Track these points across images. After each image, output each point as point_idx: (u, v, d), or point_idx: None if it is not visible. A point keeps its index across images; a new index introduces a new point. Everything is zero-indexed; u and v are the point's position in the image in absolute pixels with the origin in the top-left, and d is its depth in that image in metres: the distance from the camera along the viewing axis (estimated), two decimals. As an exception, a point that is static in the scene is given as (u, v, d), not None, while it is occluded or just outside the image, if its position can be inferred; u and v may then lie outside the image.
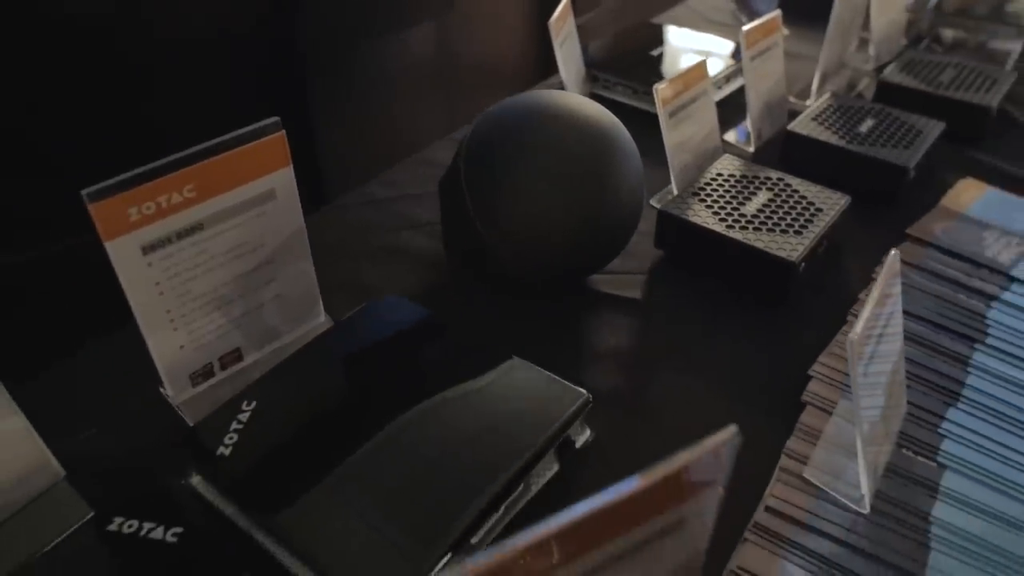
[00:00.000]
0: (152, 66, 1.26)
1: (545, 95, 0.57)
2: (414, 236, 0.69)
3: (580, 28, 2.05)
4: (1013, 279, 0.62)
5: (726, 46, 0.98)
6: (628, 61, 0.93)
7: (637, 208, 0.58)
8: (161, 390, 0.52)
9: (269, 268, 0.52)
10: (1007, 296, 0.61)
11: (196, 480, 0.44)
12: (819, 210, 0.63)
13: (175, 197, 0.45)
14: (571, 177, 0.54)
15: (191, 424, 0.50)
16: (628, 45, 0.99)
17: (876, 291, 0.41)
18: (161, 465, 0.47)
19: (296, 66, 1.47)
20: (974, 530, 0.43)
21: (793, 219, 0.62)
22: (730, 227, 0.61)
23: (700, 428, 0.26)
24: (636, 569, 0.28)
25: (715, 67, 0.91)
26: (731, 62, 0.94)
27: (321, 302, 0.57)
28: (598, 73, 0.89)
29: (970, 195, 0.73)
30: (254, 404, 0.46)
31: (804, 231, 0.61)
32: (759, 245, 0.59)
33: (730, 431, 0.26)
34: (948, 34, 0.97)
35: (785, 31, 1.07)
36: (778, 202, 0.64)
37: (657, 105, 0.64)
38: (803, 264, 0.59)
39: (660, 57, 0.96)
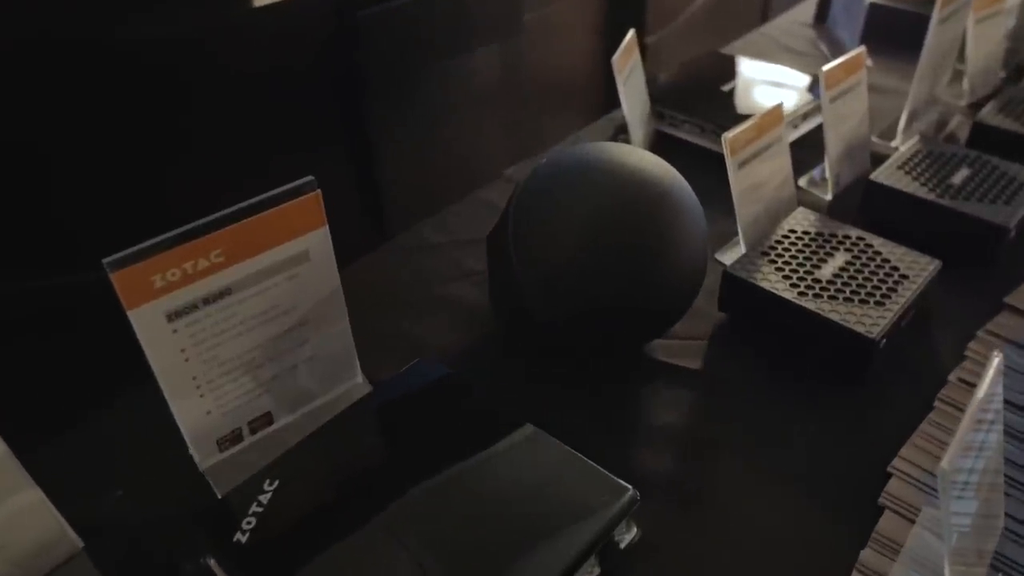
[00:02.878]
0: (217, 99, 1.28)
1: (599, 149, 0.53)
2: (463, 287, 0.66)
3: (649, 49, 1.98)
4: None
5: (803, 79, 0.92)
6: (696, 96, 0.88)
7: (699, 271, 0.54)
8: (190, 451, 0.50)
9: (302, 330, 0.50)
10: (1126, 384, 0.53)
11: (212, 564, 0.41)
12: (904, 276, 0.57)
13: (201, 263, 0.43)
14: (623, 240, 0.49)
15: (216, 492, 0.47)
16: (697, 78, 0.93)
17: (975, 402, 0.36)
18: (181, 539, 0.45)
19: (357, 95, 1.47)
20: None
21: (875, 287, 0.56)
22: (802, 294, 0.56)
23: (762, 529, 0.21)
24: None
25: (790, 102, 0.85)
26: (808, 98, 0.87)
27: (358, 362, 0.54)
28: (664, 110, 0.85)
29: (1080, 258, 0.65)
30: (276, 484, 0.43)
31: (887, 302, 0.55)
32: (834, 317, 0.54)
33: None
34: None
35: (869, 62, 0.99)
36: (857, 266, 0.58)
37: (726, 154, 0.59)
38: (884, 340, 0.53)
39: (731, 92, 0.90)
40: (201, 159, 1.29)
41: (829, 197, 0.74)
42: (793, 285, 0.57)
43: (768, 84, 0.92)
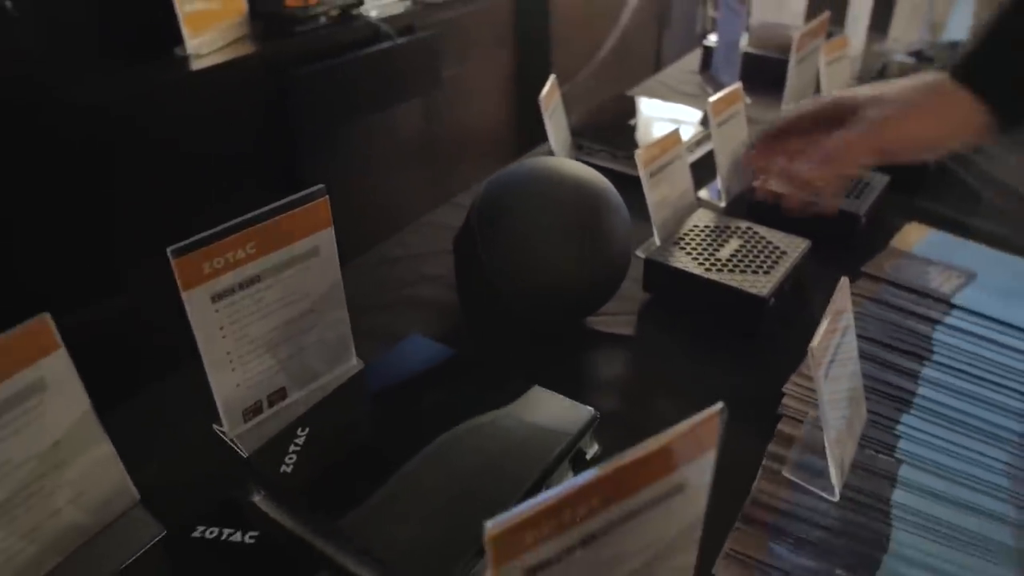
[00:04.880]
0: (157, 157, 1.36)
1: (545, 162, 0.67)
2: (428, 288, 0.77)
3: (563, 99, 2.19)
4: (954, 306, 0.72)
5: (695, 114, 1.10)
6: (608, 130, 1.04)
7: (627, 257, 0.67)
8: (215, 427, 0.59)
9: (311, 316, 0.60)
10: (950, 320, 0.70)
11: (261, 497, 0.50)
12: (784, 253, 0.73)
13: (240, 253, 0.53)
14: (572, 231, 0.63)
15: (245, 455, 0.56)
16: (607, 116, 1.10)
17: (830, 309, 0.50)
18: (225, 487, 0.54)
19: (290, 149, 1.58)
20: (929, 511, 0.51)
21: (762, 261, 0.72)
22: (708, 270, 0.70)
23: None
24: (646, 530, 0.35)
25: (687, 133, 1.03)
26: (700, 128, 1.05)
27: (353, 346, 0.65)
28: (582, 141, 1.00)
29: (915, 236, 0.84)
30: (308, 430, 0.53)
31: (772, 271, 0.70)
32: (733, 284, 0.68)
33: (718, 406, 0.34)
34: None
35: (747, 100, 1.19)
36: (748, 247, 0.74)
37: (639, 167, 0.74)
38: (772, 299, 0.68)
39: (635, 126, 1.07)
40: (143, 213, 1.36)
41: (723, 205, 0.90)
42: (700, 264, 0.71)
43: (665, 119, 1.10)
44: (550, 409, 0.55)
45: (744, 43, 1.24)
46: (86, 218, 1.26)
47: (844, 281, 0.53)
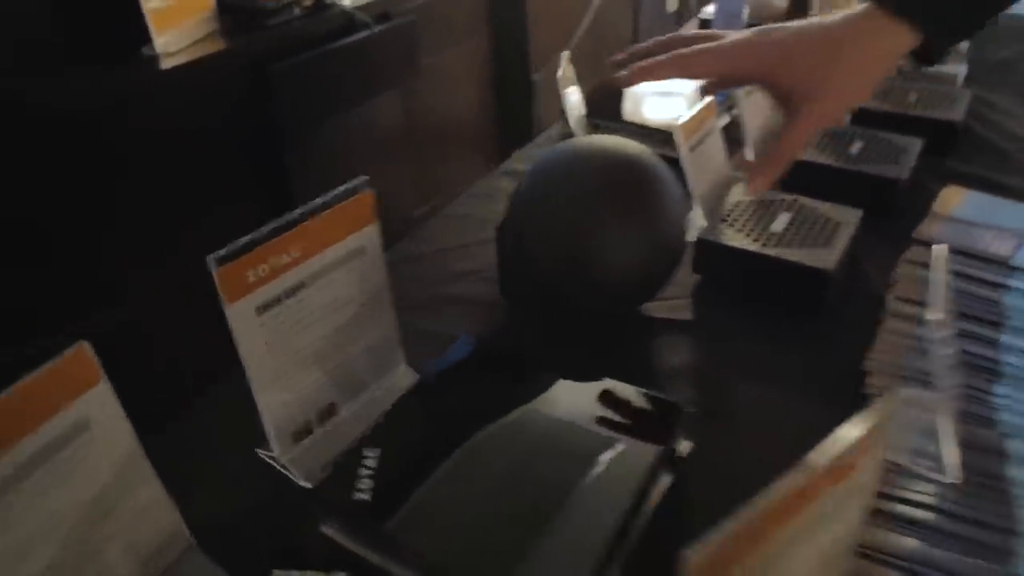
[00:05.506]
0: (138, 160, 1.28)
1: (589, 141, 0.62)
2: (462, 284, 0.72)
3: (536, 85, 2.12)
4: (1014, 268, 0.69)
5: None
6: (618, 108, 0.99)
7: (683, 237, 0.63)
8: (259, 452, 0.53)
9: (358, 321, 0.55)
10: (1015, 283, 0.67)
11: (335, 528, 0.45)
12: (838, 223, 0.69)
13: (284, 258, 0.48)
14: (629, 214, 0.58)
15: (304, 483, 0.51)
16: (614, 93, 1.05)
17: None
18: (282, 519, 0.48)
19: (272, 146, 1.50)
20: (1049, 486, 0.48)
21: (818, 233, 0.68)
22: (764, 246, 0.67)
23: (781, 429, 0.30)
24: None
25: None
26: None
27: (401, 351, 0.59)
28: (597, 120, 0.95)
29: (955, 199, 0.81)
30: (379, 451, 0.47)
31: (831, 243, 0.67)
32: (794, 259, 0.65)
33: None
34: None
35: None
36: (799, 220, 0.70)
37: (679, 142, 0.70)
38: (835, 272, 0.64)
39: (645, 101, 1.02)
40: (126, 218, 1.27)
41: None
42: (755, 240, 0.67)
43: (676, 93, 1.05)
44: (634, 406, 0.51)
45: (744, 15, 1.20)
46: (65, 232, 1.17)
47: (938, 249, 0.49)
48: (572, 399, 0.51)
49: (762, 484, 0.47)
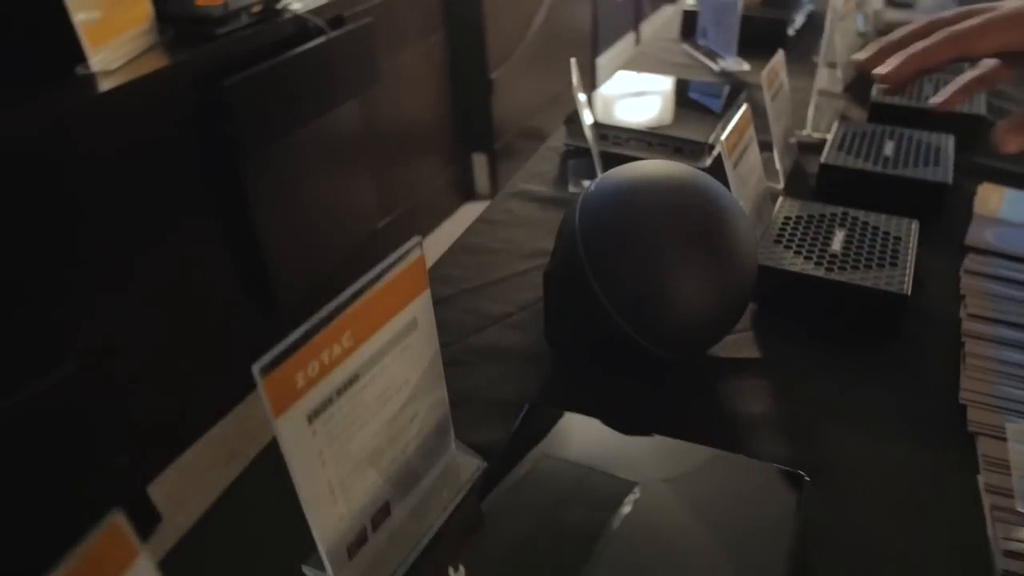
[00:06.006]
0: (87, 183, 1.16)
1: (648, 169, 0.55)
2: (496, 331, 0.64)
3: (495, 83, 2.06)
4: (1081, 273, 0.66)
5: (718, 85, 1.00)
6: (631, 114, 0.93)
7: (755, 270, 0.57)
8: (306, 570, 0.45)
9: (412, 405, 0.47)
10: (1088, 291, 0.63)
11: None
12: (898, 238, 0.64)
13: (336, 350, 0.39)
14: (711, 250, 0.51)
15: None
16: (619, 97, 0.98)
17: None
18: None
19: (230, 163, 1.38)
20: None
21: (881, 251, 0.63)
22: (828, 269, 0.61)
23: (889, 481, 0.24)
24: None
25: (716, 105, 0.93)
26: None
27: (452, 431, 0.52)
28: (605, 131, 0.88)
29: (995, 197, 0.77)
30: (462, 570, 0.40)
31: (897, 261, 0.61)
32: (866, 283, 0.59)
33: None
34: (901, 50, 1.03)
35: (746, 66, 1.11)
36: (858, 237, 0.65)
37: (724, 158, 0.63)
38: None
39: (650, 106, 0.96)
40: (79, 242, 1.15)
41: (781, 187, 0.81)
42: (817, 263, 0.62)
43: (688, 95, 0.99)
44: (755, 485, 0.44)
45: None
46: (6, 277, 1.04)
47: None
48: (685, 475, 0.45)
49: (883, 547, 0.41)
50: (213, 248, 1.41)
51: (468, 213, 2.22)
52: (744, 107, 0.69)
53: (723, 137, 0.63)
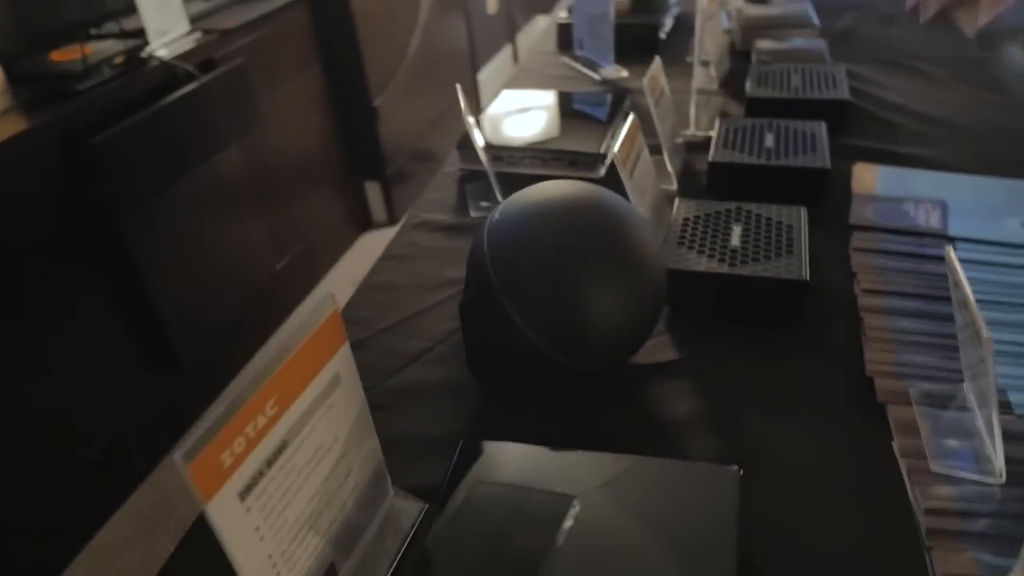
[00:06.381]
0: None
1: (548, 191, 0.55)
2: (417, 369, 0.63)
3: (380, 111, 2.04)
4: (951, 238, 0.71)
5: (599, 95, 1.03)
6: (519, 132, 0.94)
7: (664, 274, 0.58)
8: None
9: (345, 461, 0.45)
10: (964, 254, 0.69)
11: None
12: (790, 226, 0.68)
13: (260, 421, 0.37)
14: (613, 263, 0.52)
15: None
16: (506, 117, 0.99)
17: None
18: None
19: (109, 222, 1.30)
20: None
21: (776, 241, 0.66)
22: (733, 265, 0.63)
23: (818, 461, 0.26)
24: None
25: (602, 113, 0.95)
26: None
27: (388, 477, 0.50)
28: (498, 152, 0.89)
29: (869, 177, 0.83)
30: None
31: (793, 249, 0.65)
32: (769, 274, 0.62)
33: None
34: (765, 45, 1.09)
35: (625, 72, 1.14)
36: (754, 230, 0.68)
37: (620, 169, 0.65)
38: (808, 279, 0.62)
39: (537, 121, 0.97)
40: None
41: (674, 187, 0.84)
42: (720, 260, 0.64)
43: (572, 107, 1.01)
44: (690, 482, 0.45)
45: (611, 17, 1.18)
46: None
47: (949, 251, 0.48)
48: (623, 486, 0.45)
49: (815, 523, 0.43)
50: (102, 312, 1.32)
51: (367, 243, 2.18)
52: (631, 117, 0.71)
53: (615, 150, 0.65)
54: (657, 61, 0.84)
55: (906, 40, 1.19)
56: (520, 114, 0.99)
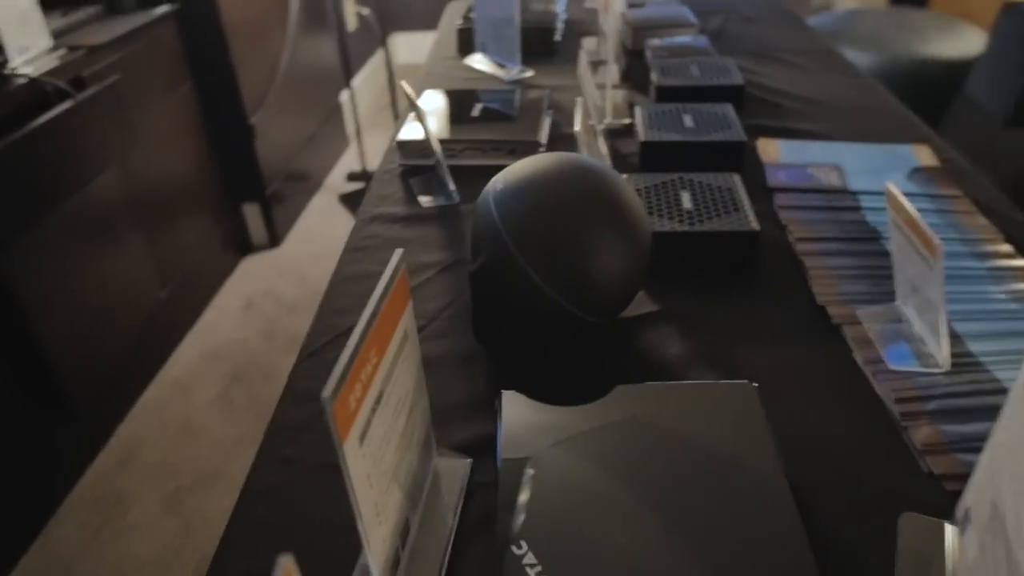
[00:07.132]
0: None
1: (541, 161, 0.60)
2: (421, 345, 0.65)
3: (256, 128, 2.01)
4: (854, 192, 0.83)
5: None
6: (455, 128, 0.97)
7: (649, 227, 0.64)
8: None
9: (413, 415, 0.47)
10: (865, 205, 0.81)
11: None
12: (730, 189, 0.77)
13: (368, 369, 0.39)
14: (616, 222, 0.58)
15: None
16: (439, 115, 1.02)
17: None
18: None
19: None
20: (1003, 348, 0.60)
21: (723, 201, 0.74)
22: (691, 224, 0.71)
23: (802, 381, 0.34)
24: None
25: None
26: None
27: (433, 436, 0.52)
28: (451, 146, 0.92)
29: (772, 148, 0.94)
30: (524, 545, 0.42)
31: (738, 207, 0.73)
32: (725, 228, 0.70)
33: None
34: (655, 43, 1.20)
35: (530, 72, 1.21)
36: (700, 194, 0.76)
37: (580, 146, 0.71)
38: (757, 230, 0.71)
39: (463, 116, 1.01)
40: None
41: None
42: (680, 221, 0.71)
43: (483, 102, 1.06)
44: (717, 400, 0.51)
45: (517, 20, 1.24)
46: None
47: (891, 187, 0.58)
48: (663, 415, 0.50)
49: (812, 428, 0.50)
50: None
51: (250, 267, 2.10)
52: (580, 100, 0.77)
53: (576, 128, 0.71)
54: (583, 56, 0.91)
55: (767, 36, 1.36)
56: (444, 111, 1.03)
